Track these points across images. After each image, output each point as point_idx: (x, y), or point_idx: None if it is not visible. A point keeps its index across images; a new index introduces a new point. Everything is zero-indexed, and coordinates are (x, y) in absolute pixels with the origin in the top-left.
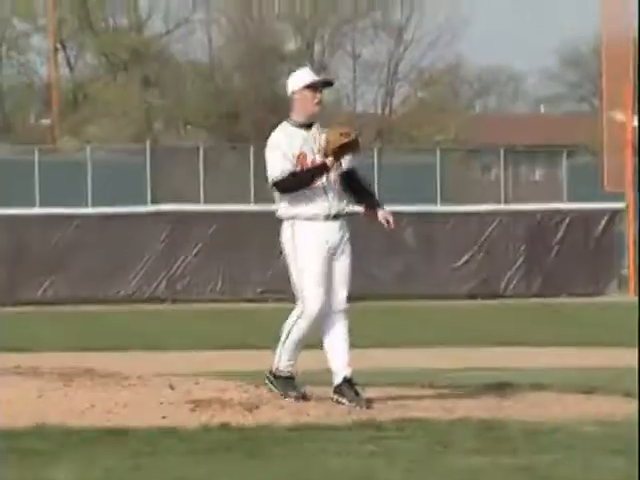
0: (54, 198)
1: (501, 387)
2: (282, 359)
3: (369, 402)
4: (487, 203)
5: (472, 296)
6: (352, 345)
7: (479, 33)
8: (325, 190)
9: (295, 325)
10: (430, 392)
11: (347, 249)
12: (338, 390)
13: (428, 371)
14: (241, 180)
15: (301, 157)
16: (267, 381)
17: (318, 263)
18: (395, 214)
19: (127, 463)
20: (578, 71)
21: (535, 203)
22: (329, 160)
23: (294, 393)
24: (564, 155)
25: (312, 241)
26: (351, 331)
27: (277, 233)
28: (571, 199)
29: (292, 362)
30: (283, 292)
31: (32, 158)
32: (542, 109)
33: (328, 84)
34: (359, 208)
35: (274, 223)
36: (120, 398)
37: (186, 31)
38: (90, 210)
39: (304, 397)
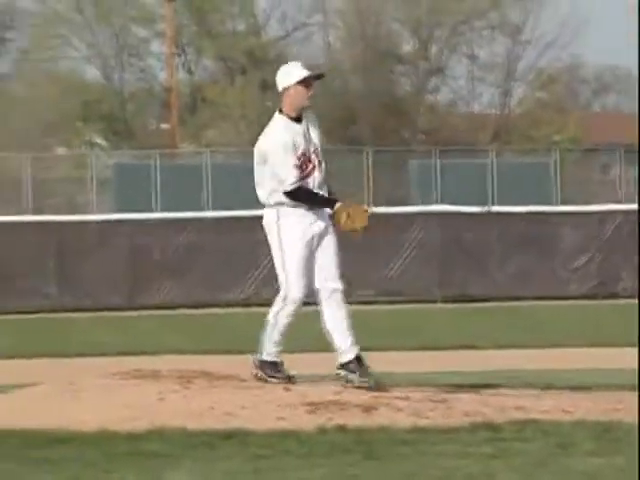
0: (173, 202)
1: (620, 388)
2: (269, 346)
3: (380, 382)
4: (606, 203)
5: (590, 297)
6: (473, 347)
7: (598, 32)
8: (313, 181)
9: (281, 311)
10: (548, 394)
11: (332, 237)
12: (346, 366)
13: (546, 372)
14: (357, 183)
15: (302, 157)
16: (256, 372)
17: (302, 249)
18: (512, 214)
19: (246, 466)
20: None
21: None
22: (338, 208)
23: (280, 375)
24: None
25: (297, 227)
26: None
27: (393, 234)
28: None
29: (279, 348)
30: (399, 294)
31: (152, 163)
32: None
33: (319, 77)
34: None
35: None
36: (238, 400)
37: (303, 34)
38: (209, 214)
39: (290, 379)
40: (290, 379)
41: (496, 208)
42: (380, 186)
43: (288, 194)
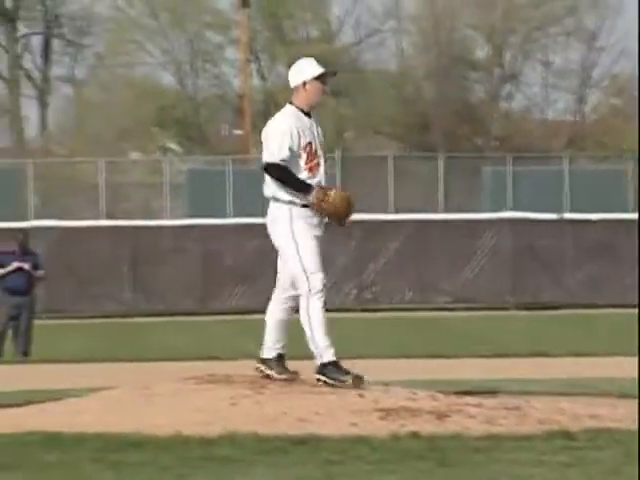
0: (246, 208)
1: None
2: (321, 347)
3: (359, 378)
4: None
5: None
6: (546, 354)
7: None
8: (320, 183)
9: (310, 309)
10: (622, 402)
11: (322, 244)
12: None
13: (620, 380)
14: (430, 189)
15: (307, 146)
16: (322, 379)
17: (316, 244)
18: (585, 222)
19: (318, 472)
20: None
21: None
22: (315, 195)
23: (349, 376)
24: None
25: (309, 225)
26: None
27: (466, 241)
28: None
29: (328, 341)
30: (473, 301)
31: (225, 169)
32: None
33: (334, 74)
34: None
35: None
36: (311, 406)
37: (377, 40)
38: None
39: (359, 380)
40: (359, 379)
41: (569, 215)
42: (453, 193)
43: (270, 169)
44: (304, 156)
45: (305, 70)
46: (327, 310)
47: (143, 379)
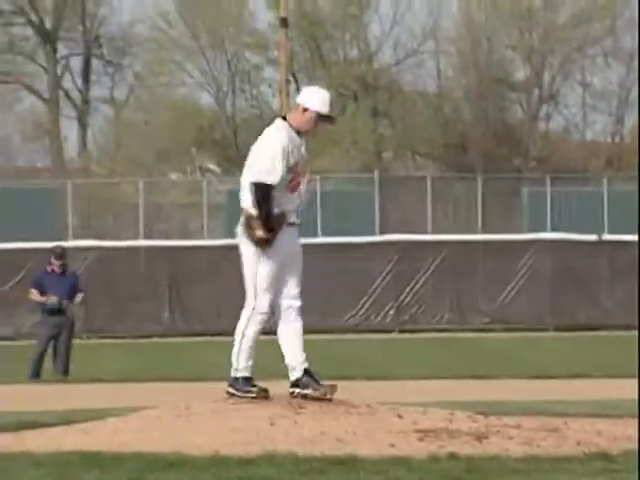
0: None
1: None
2: (240, 361)
3: (333, 387)
4: None
5: None
6: (585, 375)
7: None
8: (299, 197)
9: (250, 322)
10: None
11: (299, 254)
12: (299, 383)
13: None
14: (468, 210)
15: (296, 166)
16: (230, 391)
17: (276, 263)
18: (624, 243)
19: None
20: None
21: None
22: (264, 234)
23: (255, 389)
24: None
25: (277, 239)
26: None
27: (505, 262)
28: None
29: (251, 362)
30: (511, 322)
31: None
32: None
33: (331, 121)
34: None
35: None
36: (349, 426)
37: (415, 61)
38: (320, 240)
39: (265, 392)
40: (265, 392)
41: (608, 236)
42: (491, 213)
43: (259, 186)
44: (289, 176)
45: (316, 100)
46: (360, 331)
47: (182, 399)
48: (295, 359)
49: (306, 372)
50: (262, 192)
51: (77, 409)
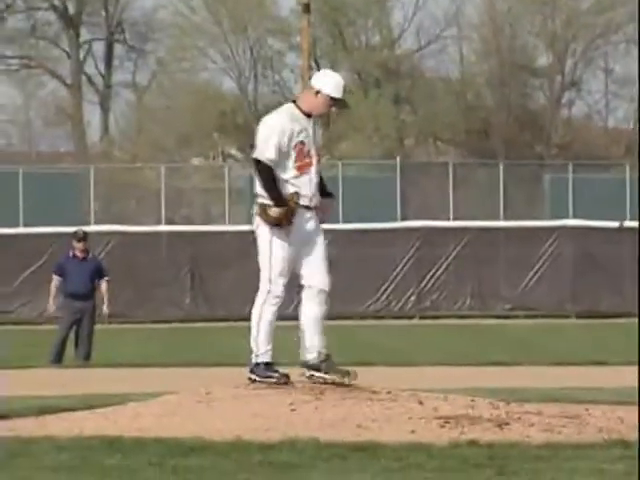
0: None
1: None
2: (260, 346)
3: (353, 373)
4: None
5: None
6: (606, 363)
7: None
8: (310, 181)
9: (265, 306)
10: None
11: (320, 237)
12: (317, 367)
13: None
14: (490, 196)
15: (299, 145)
16: (252, 377)
17: (290, 248)
18: None
19: (377, 479)
20: None
21: None
22: (278, 212)
23: (276, 374)
24: None
25: (288, 230)
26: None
27: (526, 249)
28: None
29: (270, 346)
30: (533, 309)
31: None
32: None
33: (344, 106)
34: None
35: (523, 239)
36: (370, 412)
37: (438, 47)
38: (341, 226)
39: (287, 378)
40: (286, 377)
41: (630, 223)
42: (513, 200)
43: (257, 166)
44: (293, 155)
45: (329, 83)
46: (381, 317)
47: (203, 384)
48: (313, 343)
49: (327, 357)
50: (260, 170)
51: (98, 394)
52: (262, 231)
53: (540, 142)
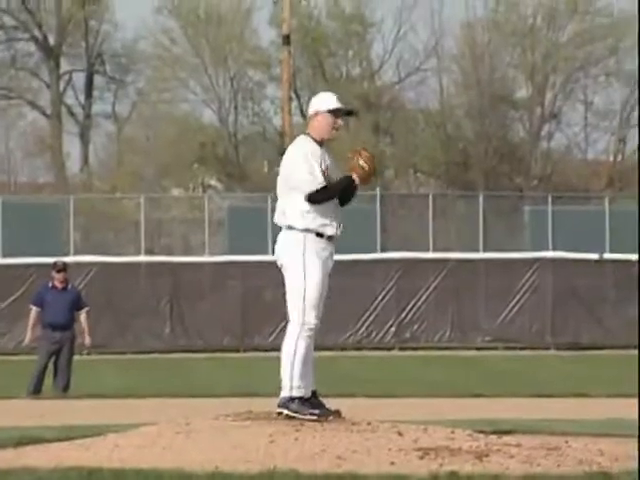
0: None
1: None
2: (294, 382)
3: (337, 412)
4: None
5: None
6: (586, 395)
7: None
8: (335, 210)
9: (299, 343)
10: None
11: (328, 276)
12: (286, 404)
13: None
14: (470, 228)
15: (326, 172)
16: (281, 410)
17: (322, 278)
18: (626, 262)
19: None
20: None
21: None
22: (356, 177)
23: (317, 411)
24: None
25: (321, 256)
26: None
27: (506, 280)
28: None
29: (305, 382)
30: (513, 340)
31: (266, 205)
32: None
33: (350, 113)
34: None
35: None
36: (350, 444)
37: (418, 79)
38: None
39: (334, 413)
40: (334, 413)
41: (610, 255)
42: (493, 231)
43: (313, 199)
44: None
45: (322, 101)
46: (361, 348)
47: (182, 415)
48: (286, 378)
49: (313, 395)
50: (321, 195)
51: (77, 425)
52: (295, 263)
53: (520, 174)
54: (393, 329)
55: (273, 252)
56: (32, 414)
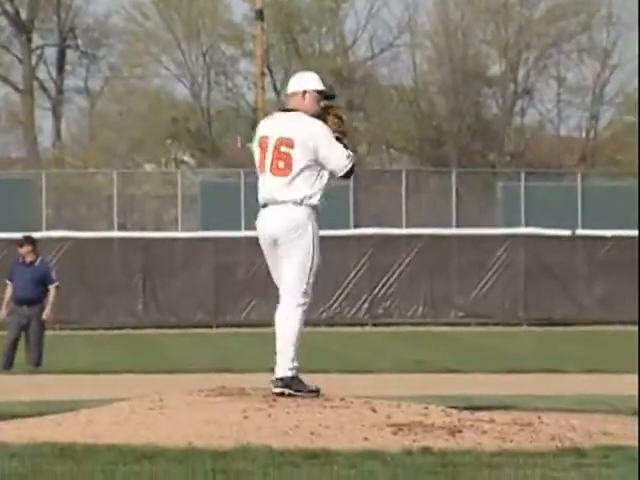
0: None
1: None
2: (294, 362)
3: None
4: None
5: None
6: (558, 370)
7: None
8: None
9: (298, 321)
10: (634, 419)
11: None
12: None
13: (633, 398)
14: (443, 204)
15: None
16: (282, 390)
17: (319, 255)
18: (598, 238)
19: None
20: None
21: None
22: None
23: (314, 388)
24: None
25: (318, 234)
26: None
27: (479, 256)
28: None
29: (296, 358)
30: (485, 316)
31: (239, 181)
32: None
33: (331, 97)
34: None
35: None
36: (323, 419)
37: (391, 55)
38: None
39: (318, 392)
40: (318, 392)
41: (582, 232)
42: (466, 207)
43: (352, 172)
44: None
45: (310, 80)
46: (334, 324)
47: (155, 391)
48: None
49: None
50: (352, 167)
51: (50, 400)
52: (305, 238)
53: (493, 150)
54: (366, 305)
55: (246, 227)
56: (4, 389)
